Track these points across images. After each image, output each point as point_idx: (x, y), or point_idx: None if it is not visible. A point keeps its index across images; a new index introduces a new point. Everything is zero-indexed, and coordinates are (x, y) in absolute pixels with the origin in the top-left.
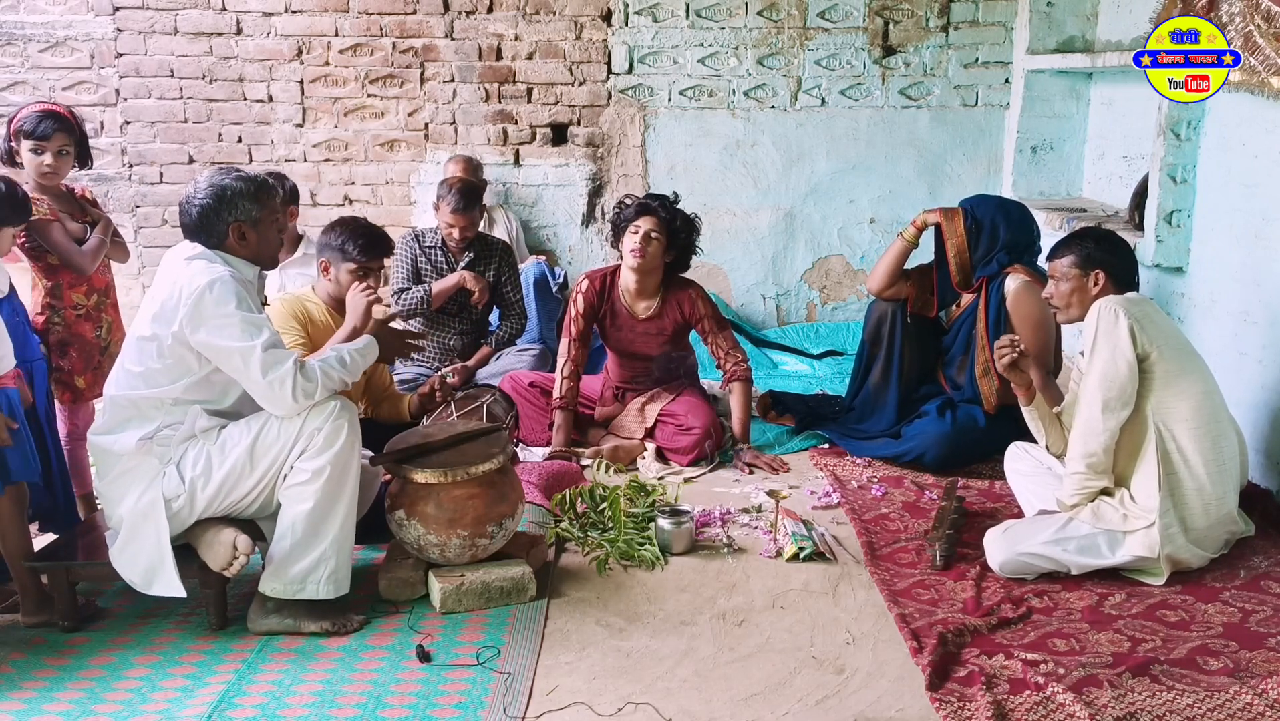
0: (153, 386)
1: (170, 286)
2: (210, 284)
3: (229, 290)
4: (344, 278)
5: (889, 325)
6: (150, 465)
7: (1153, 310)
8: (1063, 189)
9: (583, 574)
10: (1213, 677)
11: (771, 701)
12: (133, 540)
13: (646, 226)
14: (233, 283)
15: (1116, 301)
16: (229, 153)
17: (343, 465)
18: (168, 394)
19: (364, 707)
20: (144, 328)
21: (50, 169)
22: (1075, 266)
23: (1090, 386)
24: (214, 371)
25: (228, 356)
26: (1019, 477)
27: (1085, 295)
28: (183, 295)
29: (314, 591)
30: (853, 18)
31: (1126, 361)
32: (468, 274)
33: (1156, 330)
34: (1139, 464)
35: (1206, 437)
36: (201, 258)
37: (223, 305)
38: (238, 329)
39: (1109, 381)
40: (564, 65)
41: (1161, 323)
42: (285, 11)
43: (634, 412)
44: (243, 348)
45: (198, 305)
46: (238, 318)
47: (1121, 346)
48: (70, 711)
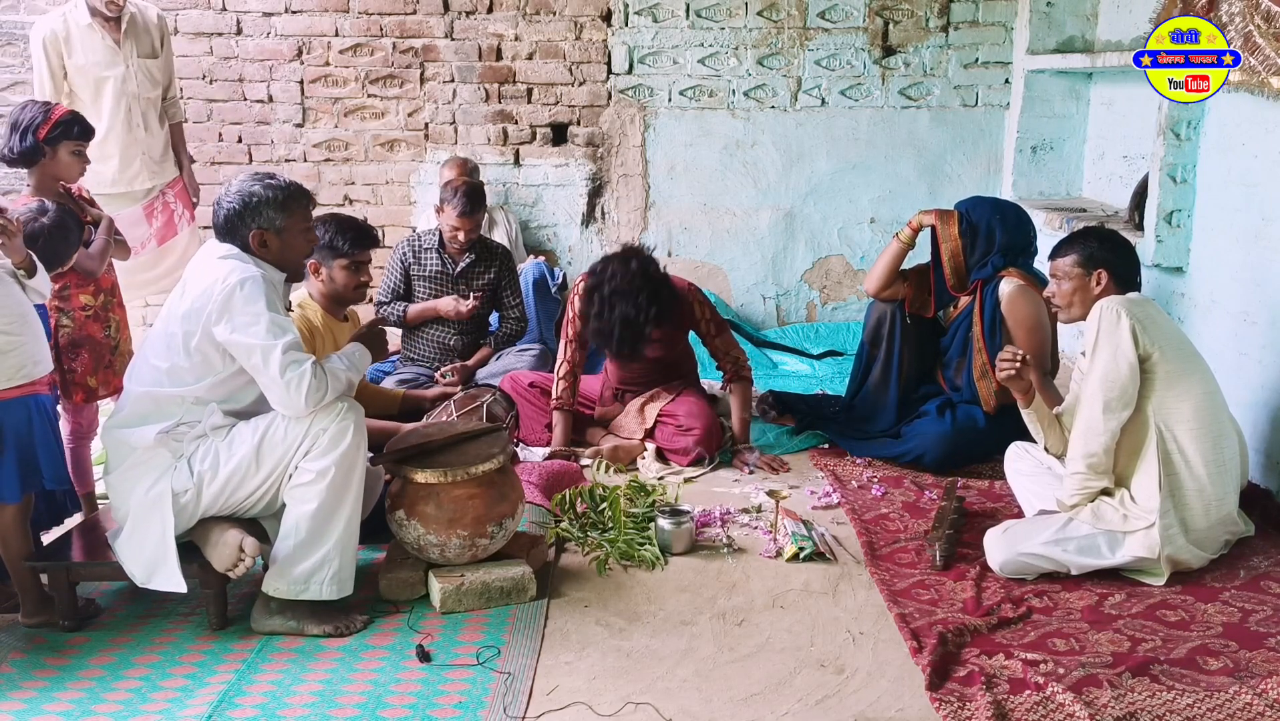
0: (176, 383)
1: (203, 284)
2: (242, 281)
3: (259, 289)
4: (338, 275)
5: (888, 326)
6: (163, 458)
7: (1154, 310)
8: (1063, 189)
9: (583, 574)
10: (1213, 677)
11: (771, 701)
12: (138, 530)
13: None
14: (263, 282)
15: (1118, 302)
16: (229, 153)
17: (348, 466)
18: (190, 392)
19: (364, 707)
20: (173, 323)
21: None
22: (1078, 265)
23: (1091, 387)
24: (237, 372)
25: (248, 353)
26: (1019, 477)
27: (1087, 294)
28: (214, 292)
29: (317, 592)
30: (853, 18)
31: (1128, 362)
32: (446, 302)
33: (1158, 330)
34: (1140, 464)
35: (1208, 438)
36: (234, 257)
37: (252, 303)
38: (263, 326)
39: (1110, 382)
40: (564, 65)
41: (1163, 323)
42: (285, 11)
43: (634, 413)
44: (265, 345)
45: (228, 301)
46: (265, 316)
47: (1123, 347)
48: (70, 711)
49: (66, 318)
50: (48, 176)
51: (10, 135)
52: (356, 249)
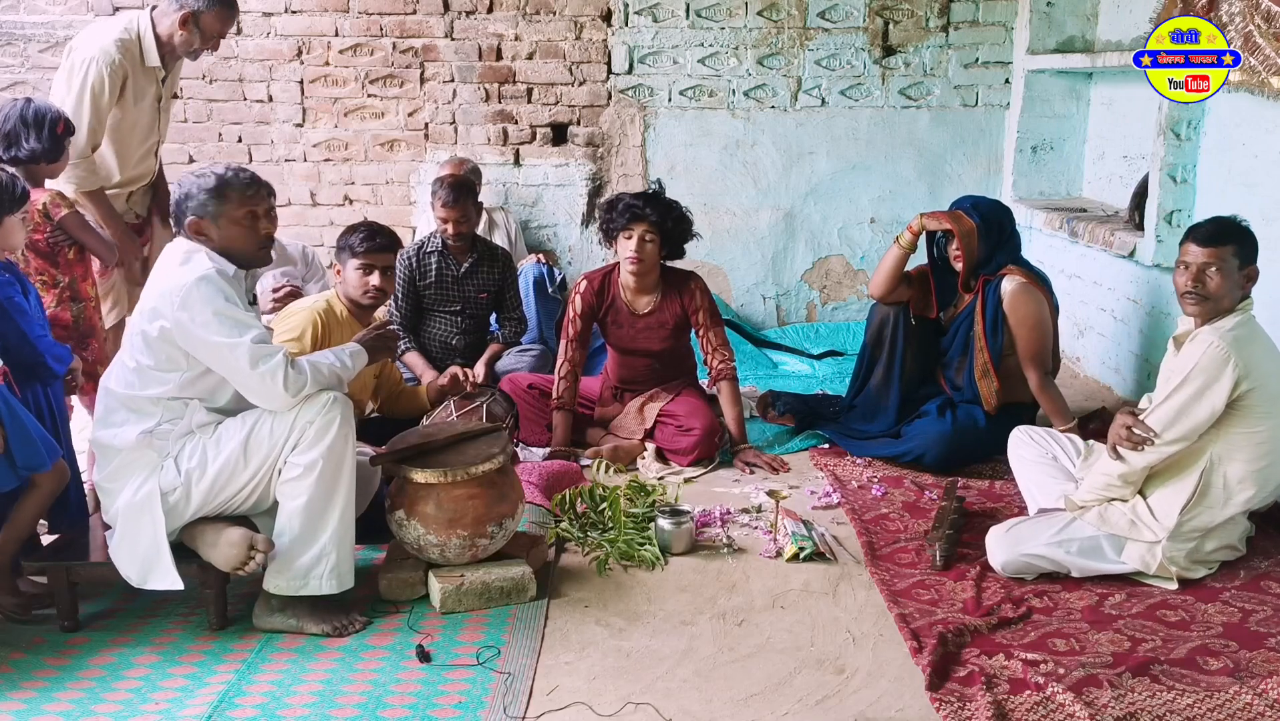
0: (146, 383)
1: (162, 283)
2: (197, 281)
3: (214, 287)
4: (350, 275)
5: (890, 327)
6: (149, 458)
7: (1262, 345)
8: (1063, 189)
9: (583, 574)
10: (1213, 677)
11: (771, 701)
12: (129, 532)
13: (639, 230)
14: (218, 279)
15: (1230, 344)
16: (229, 152)
17: (336, 458)
18: (164, 392)
19: (364, 707)
20: (139, 322)
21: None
22: (1236, 257)
23: (1164, 414)
24: (204, 372)
25: (215, 351)
26: (1023, 464)
27: (1237, 291)
28: (171, 291)
29: (317, 586)
30: (853, 18)
31: (1211, 409)
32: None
33: (1259, 371)
34: (1173, 482)
35: (1259, 476)
36: (189, 254)
37: (210, 301)
38: (225, 325)
39: (1185, 418)
40: (564, 65)
41: (1264, 359)
42: (285, 11)
43: (633, 413)
44: (230, 342)
45: (185, 301)
46: (225, 313)
47: (1216, 393)
48: (70, 711)
49: (77, 307)
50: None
51: (27, 132)
52: (364, 248)
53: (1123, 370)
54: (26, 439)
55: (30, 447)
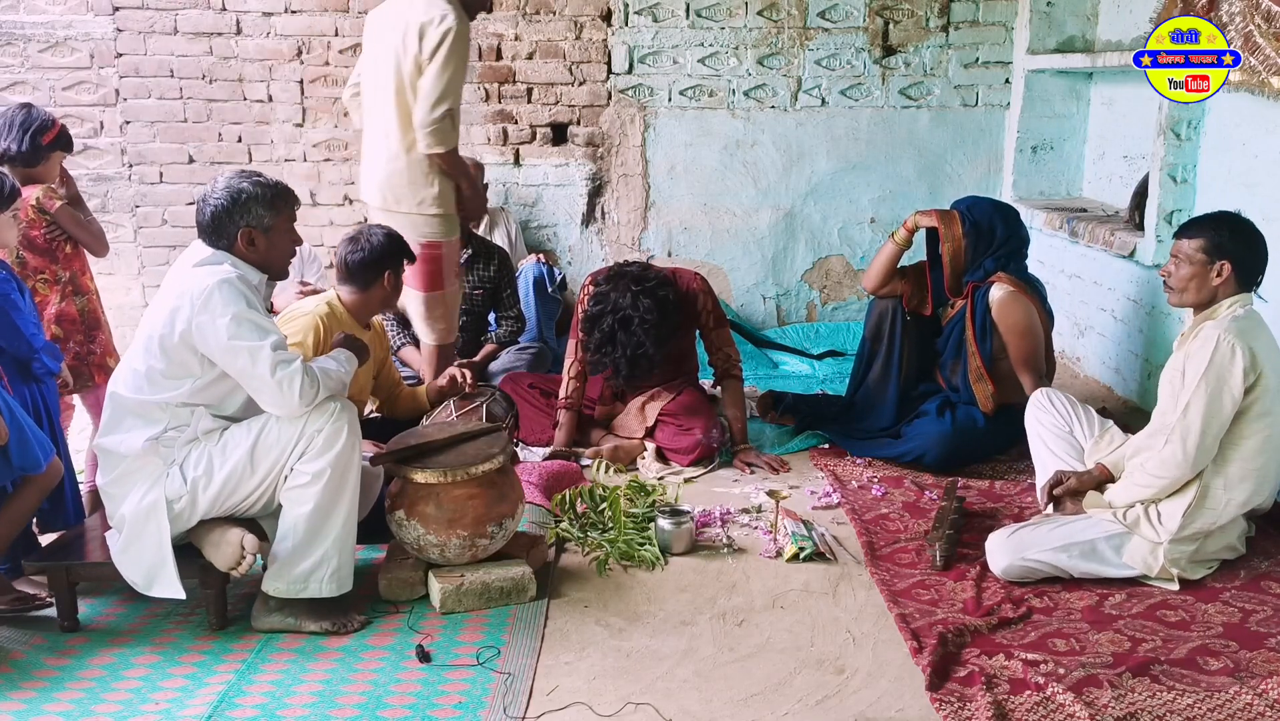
0: (156, 389)
1: (178, 289)
2: (219, 284)
3: (236, 291)
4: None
5: (890, 322)
6: (154, 465)
7: (1266, 339)
8: (1063, 189)
9: (583, 574)
10: (1213, 677)
11: (771, 701)
12: (135, 541)
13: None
14: (239, 284)
15: (1235, 336)
16: (229, 153)
17: (343, 467)
18: (173, 398)
19: (364, 707)
20: (152, 327)
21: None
22: (1202, 252)
23: (1194, 421)
24: (217, 378)
25: (234, 356)
26: (1040, 430)
27: (1205, 284)
28: (190, 296)
29: (316, 590)
30: (853, 18)
31: (1233, 400)
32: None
33: (1266, 364)
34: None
35: (1257, 475)
36: (209, 262)
37: (231, 305)
38: (246, 329)
39: (1211, 417)
40: (564, 65)
41: (1268, 353)
42: (285, 11)
43: (634, 412)
44: (252, 346)
45: (206, 305)
46: (246, 317)
47: (1233, 385)
48: (70, 711)
49: (79, 299)
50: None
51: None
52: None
53: (1123, 370)
54: (23, 439)
55: (26, 448)
